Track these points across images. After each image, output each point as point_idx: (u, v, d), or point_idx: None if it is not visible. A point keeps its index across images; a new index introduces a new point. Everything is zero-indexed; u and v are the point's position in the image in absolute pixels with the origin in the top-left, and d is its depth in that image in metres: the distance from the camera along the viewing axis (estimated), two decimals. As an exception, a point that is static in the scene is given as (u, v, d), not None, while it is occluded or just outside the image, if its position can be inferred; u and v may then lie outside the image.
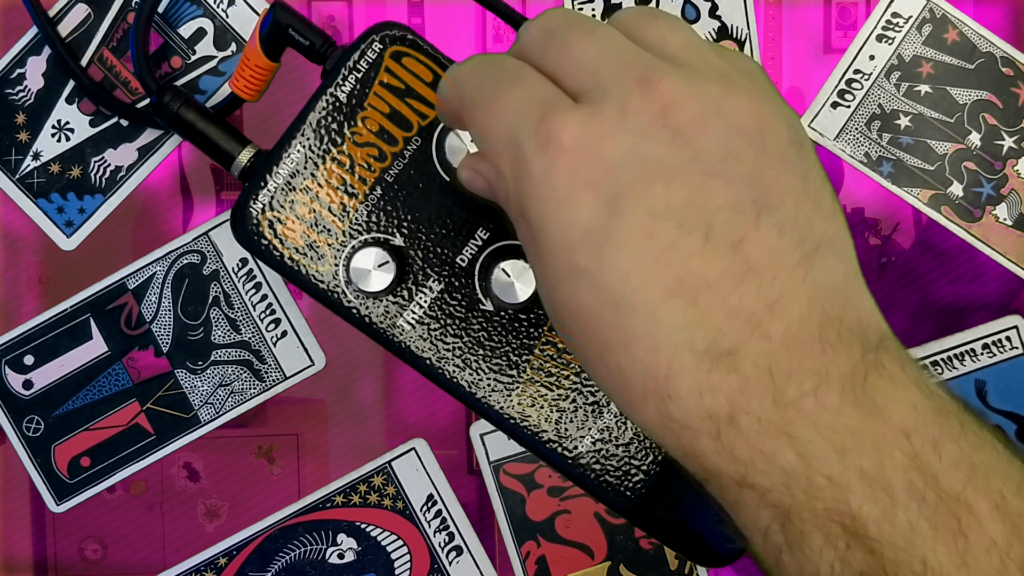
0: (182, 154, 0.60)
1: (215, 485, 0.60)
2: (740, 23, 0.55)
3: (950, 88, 0.55)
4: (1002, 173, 0.55)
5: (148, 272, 0.54)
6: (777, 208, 0.29)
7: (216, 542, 0.54)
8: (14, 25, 0.55)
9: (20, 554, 0.60)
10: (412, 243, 0.39)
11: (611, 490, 0.38)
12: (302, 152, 0.39)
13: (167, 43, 0.54)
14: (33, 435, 0.54)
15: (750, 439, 0.28)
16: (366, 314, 0.39)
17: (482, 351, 0.39)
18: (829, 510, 0.27)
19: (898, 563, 0.27)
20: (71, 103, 0.54)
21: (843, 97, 0.55)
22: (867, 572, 0.27)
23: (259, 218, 0.39)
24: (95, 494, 0.54)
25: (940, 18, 0.55)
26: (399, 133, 0.39)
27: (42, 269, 0.60)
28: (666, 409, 0.28)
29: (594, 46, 0.30)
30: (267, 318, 0.54)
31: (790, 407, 0.27)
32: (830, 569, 0.27)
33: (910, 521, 0.27)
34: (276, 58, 0.44)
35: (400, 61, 0.39)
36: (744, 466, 0.28)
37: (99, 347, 0.54)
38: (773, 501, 0.28)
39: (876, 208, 0.61)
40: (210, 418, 0.54)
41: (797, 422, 0.27)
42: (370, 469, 0.54)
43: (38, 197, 0.54)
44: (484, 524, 0.57)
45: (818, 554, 0.27)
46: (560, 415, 0.39)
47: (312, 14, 0.60)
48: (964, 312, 0.60)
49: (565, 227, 0.29)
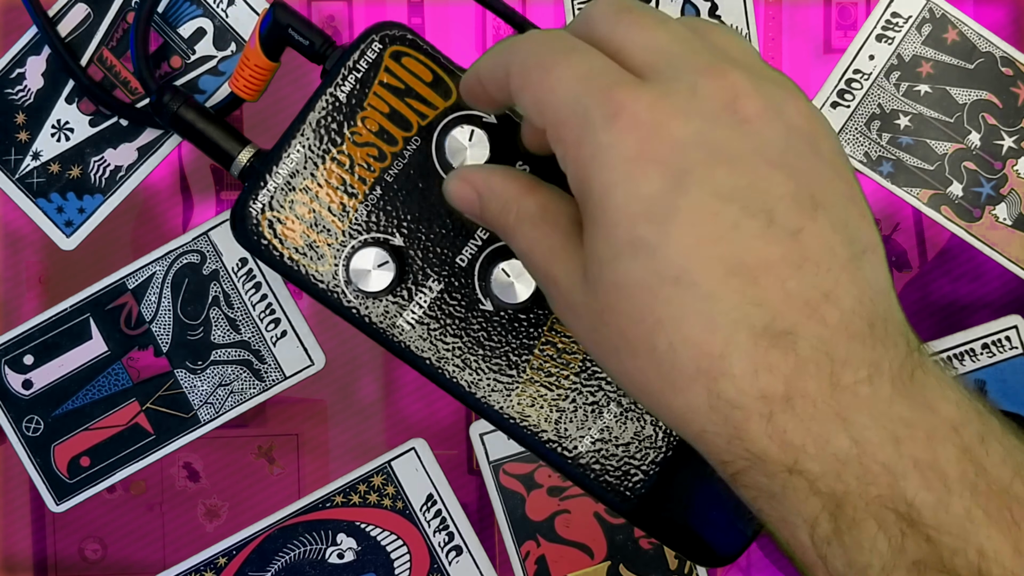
0: (182, 154, 0.60)
1: (215, 485, 0.60)
2: (740, 23, 0.55)
3: (950, 88, 0.55)
4: (1002, 173, 0.55)
5: (148, 272, 0.54)
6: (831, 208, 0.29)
7: (216, 542, 0.54)
8: (14, 25, 0.55)
9: (20, 554, 0.60)
10: (412, 243, 0.39)
11: (611, 490, 0.38)
12: (302, 152, 0.39)
13: (167, 43, 0.54)
14: (33, 435, 0.54)
15: (804, 422, 0.28)
16: (366, 314, 0.39)
17: (482, 351, 0.39)
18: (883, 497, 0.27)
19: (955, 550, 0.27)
20: (71, 103, 0.54)
21: (843, 97, 0.55)
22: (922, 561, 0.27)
23: (259, 218, 0.39)
24: (95, 494, 0.54)
25: (940, 18, 0.55)
26: (399, 133, 0.39)
27: (42, 269, 0.60)
28: (716, 388, 0.28)
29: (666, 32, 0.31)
30: (267, 318, 0.54)
31: (846, 392, 0.28)
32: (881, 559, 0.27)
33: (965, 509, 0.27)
34: (276, 58, 0.44)
35: (400, 61, 0.39)
36: (795, 451, 0.28)
37: (99, 347, 0.54)
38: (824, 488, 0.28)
39: (876, 208, 0.61)
40: (210, 418, 0.54)
41: (853, 407, 0.28)
42: (370, 469, 0.54)
43: (38, 197, 0.54)
44: (484, 524, 0.57)
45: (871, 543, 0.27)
46: (560, 415, 0.39)
47: (312, 14, 0.60)
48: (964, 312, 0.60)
49: (630, 198, 0.29)
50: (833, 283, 0.28)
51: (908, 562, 0.27)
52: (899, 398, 0.28)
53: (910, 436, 0.27)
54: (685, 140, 0.29)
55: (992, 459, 0.28)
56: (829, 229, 0.29)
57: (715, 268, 0.28)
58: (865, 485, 0.27)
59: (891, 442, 0.27)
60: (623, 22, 0.31)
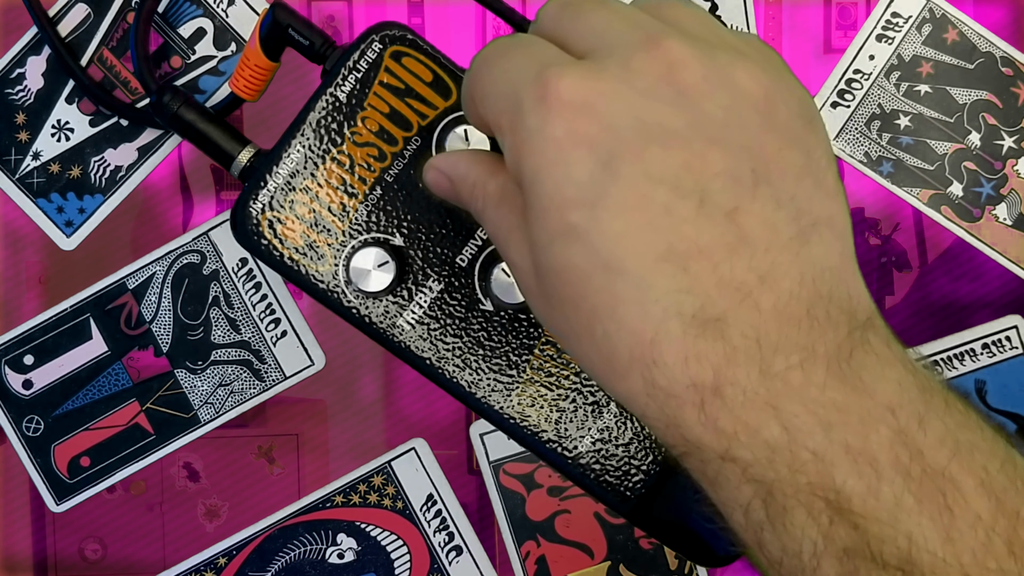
0: (182, 154, 0.60)
1: (215, 485, 0.60)
2: (740, 23, 0.55)
3: (950, 88, 0.55)
4: (1002, 173, 0.55)
5: (148, 272, 0.54)
6: (777, 181, 0.28)
7: (216, 542, 0.54)
8: (14, 25, 0.55)
9: (20, 554, 0.60)
10: (412, 243, 0.39)
11: (611, 490, 0.38)
12: (302, 152, 0.39)
13: (167, 43, 0.54)
14: (33, 435, 0.54)
15: (735, 410, 0.27)
16: (366, 314, 0.39)
17: (482, 351, 0.39)
18: (812, 485, 0.27)
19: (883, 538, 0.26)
20: (71, 103, 0.54)
21: (843, 97, 0.55)
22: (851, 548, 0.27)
23: (259, 218, 0.39)
24: (95, 494, 0.54)
25: (940, 18, 0.55)
26: (399, 133, 0.39)
27: (42, 269, 0.60)
28: (651, 376, 0.28)
29: (607, 12, 0.30)
30: (267, 318, 0.54)
31: (776, 379, 0.27)
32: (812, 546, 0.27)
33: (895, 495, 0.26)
34: (276, 58, 0.44)
35: (400, 61, 0.39)
36: (727, 439, 0.27)
37: (99, 347, 0.54)
38: (755, 476, 0.27)
39: (876, 208, 0.61)
40: (210, 418, 0.54)
41: (783, 395, 0.27)
42: (370, 469, 0.54)
43: (38, 197, 0.54)
44: (484, 524, 0.57)
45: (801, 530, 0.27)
46: (560, 415, 0.39)
47: (312, 14, 0.60)
48: (964, 312, 0.60)
49: (560, 183, 0.28)
50: (770, 264, 0.28)
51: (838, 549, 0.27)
52: (833, 382, 0.27)
53: (842, 421, 0.27)
54: (615, 119, 0.28)
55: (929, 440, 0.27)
56: (772, 206, 0.28)
57: (645, 254, 0.27)
58: (794, 473, 0.27)
59: (821, 428, 0.27)
60: (564, 16, 0.31)
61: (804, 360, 0.27)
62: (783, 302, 0.27)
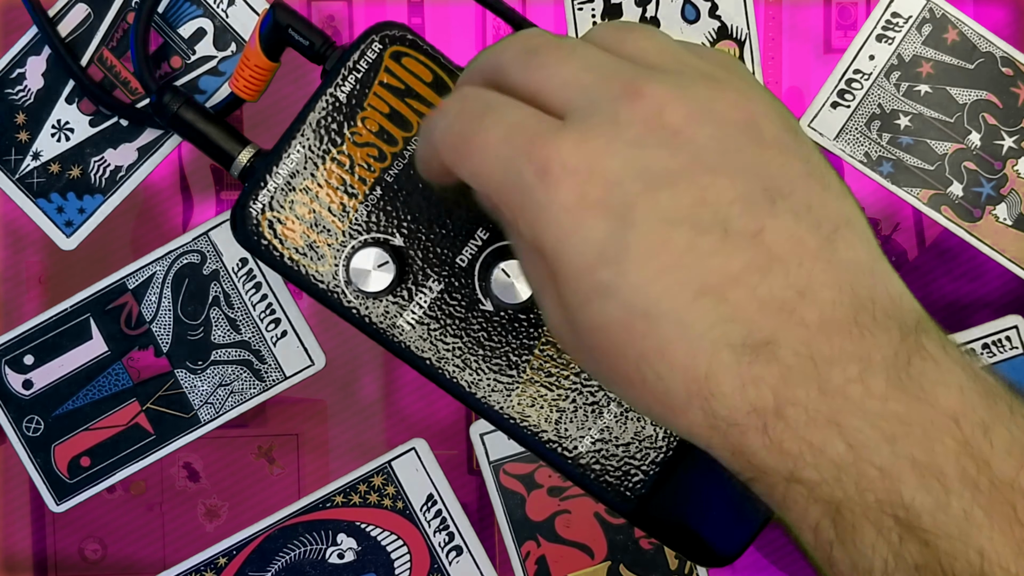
0: (182, 154, 0.60)
1: (215, 485, 0.60)
2: (740, 23, 0.55)
3: (950, 88, 0.55)
4: (1002, 173, 0.55)
5: (148, 272, 0.54)
6: (789, 194, 0.28)
7: (216, 542, 0.54)
8: (14, 25, 0.55)
9: (20, 554, 0.60)
10: (412, 243, 0.39)
11: (611, 490, 0.38)
12: (302, 152, 0.39)
13: (167, 43, 0.54)
14: (33, 435, 0.54)
15: (798, 430, 0.27)
16: (366, 314, 0.39)
17: (482, 351, 0.39)
18: (881, 502, 0.27)
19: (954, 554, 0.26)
20: (71, 103, 0.54)
21: (843, 97, 0.55)
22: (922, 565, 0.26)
23: (259, 218, 0.39)
24: (95, 494, 0.54)
25: (940, 18, 0.55)
26: (399, 133, 0.39)
27: (42, 269, 0.60)
28: (710, 408, 0.28)
29: (576, 62, 0.30)
30: (267, 318, 0.54)
31: (836, 395, 0.27)
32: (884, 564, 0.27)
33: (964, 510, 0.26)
34: (276, 58, 0.44)
35: (400, 61, 0.39)
36: (793, 460, 0.27)
37: (99, 347, 0.54)
38: (823, 496, 0.27)
39: (876, 208, 0.61)
40: (210, 418, 0.54)
41: (845, 410, 0.27)
42: (370, 469, 0.54)
43: (38, 197, 0.54)
44: (484, 524, 0.57)
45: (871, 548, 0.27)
46: (560, 415, 0.39)
47: (312, 14, 0.60)
48: (964, 312, 0.60)
49: (581, 248, 0.28)
50: (807, 277, 0.28)
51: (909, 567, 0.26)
52: (894, 392, 0.27)
53: (906, 434, 0.27)
54: (618, 174, 0.28)
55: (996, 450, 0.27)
56: (792, 219, 0.28)
57: (680, 294, 0.28)
58: (862, 491, 0.27)
59: (886, 443, 0.27)
60: (532, 64, 0.30)
61: (862, 372, 0.27)
62: (828, 313, 0.27)
